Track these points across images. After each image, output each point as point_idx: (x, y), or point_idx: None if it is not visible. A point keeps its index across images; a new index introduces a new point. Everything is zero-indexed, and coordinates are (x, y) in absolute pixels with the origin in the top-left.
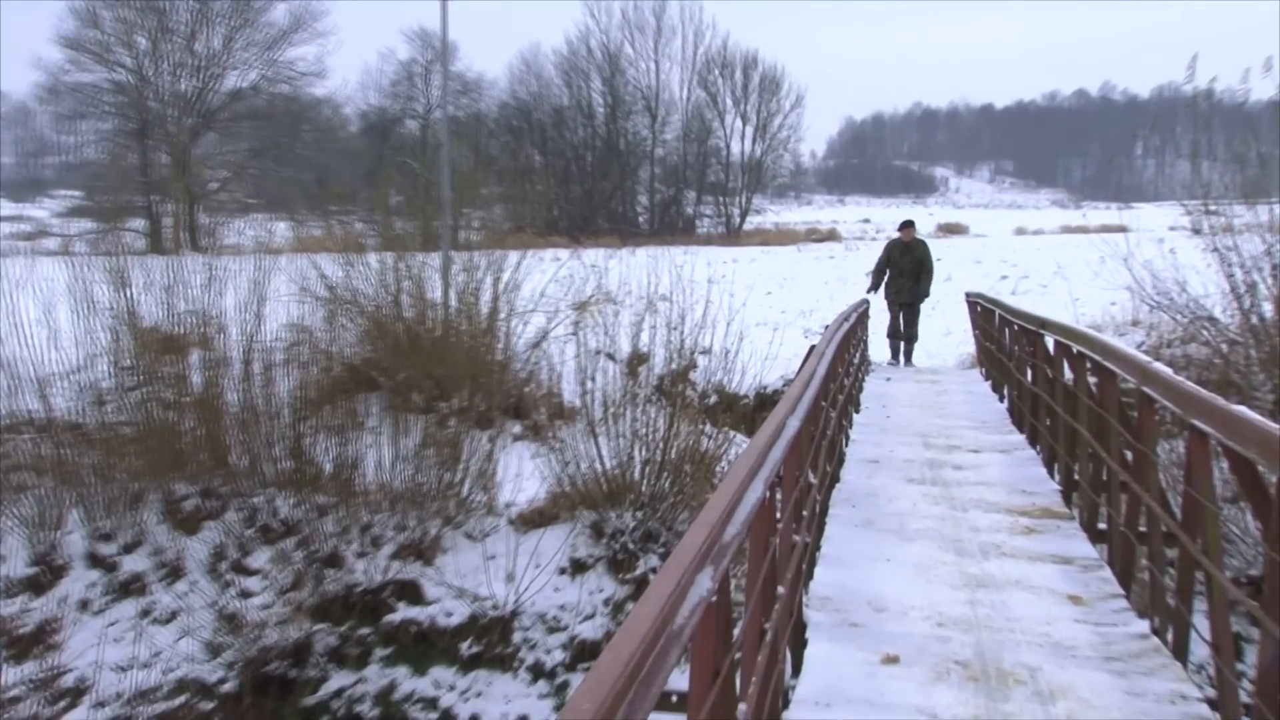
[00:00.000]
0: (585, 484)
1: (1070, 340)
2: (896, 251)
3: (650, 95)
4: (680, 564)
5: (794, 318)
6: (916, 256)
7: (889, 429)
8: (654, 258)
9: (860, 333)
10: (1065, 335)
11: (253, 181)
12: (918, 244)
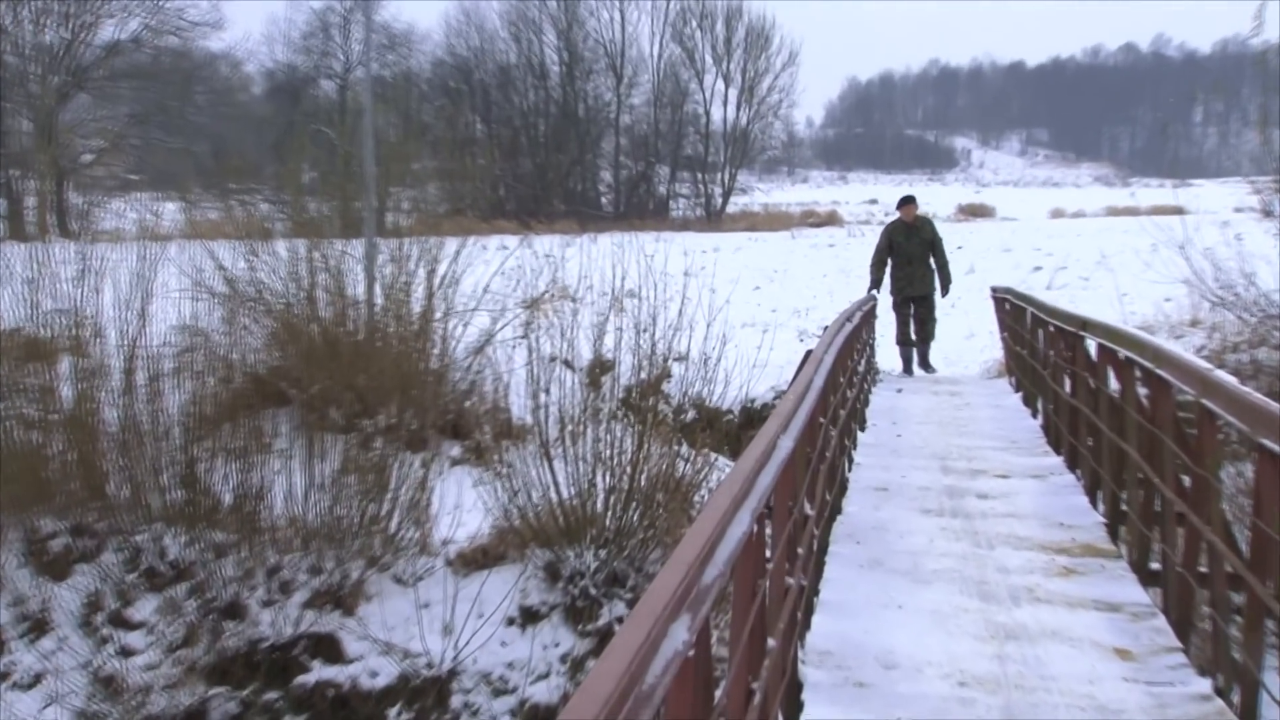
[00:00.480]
0: (538, 517)
1: (1116, 344)
2: (898, 235)
3: (614, 52)
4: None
5: (787, 317)
6: (924, 238)
7: (900, 450)
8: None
9: (866, 335)
10: (1110, 338)
11: (135, 154)
12: (923, 223)
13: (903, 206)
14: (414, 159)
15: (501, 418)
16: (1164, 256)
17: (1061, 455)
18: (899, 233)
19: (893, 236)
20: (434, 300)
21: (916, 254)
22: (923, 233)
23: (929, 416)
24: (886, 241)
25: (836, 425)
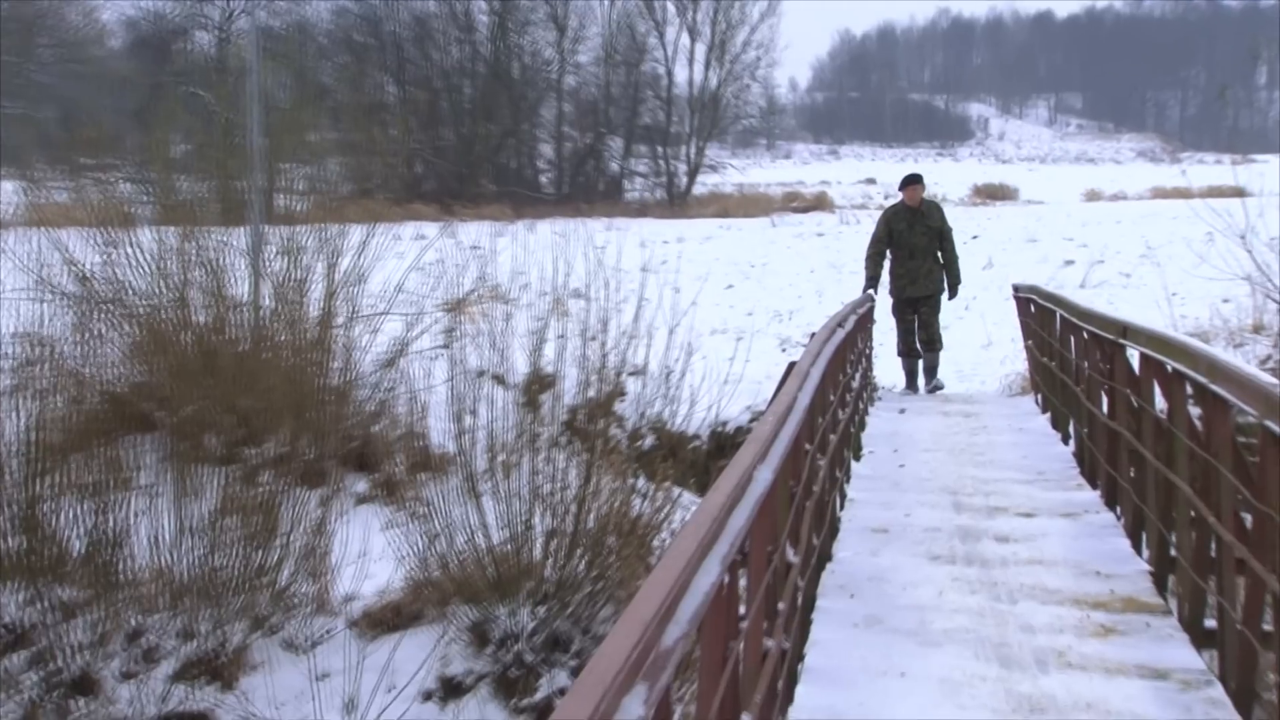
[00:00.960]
0: (463, 567)
1: (1163, 354)
2: (899, 222)
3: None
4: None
5: (765, 322)
6: (930, 226)
7: (903, 483)
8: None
9: (861, 344)
10: (1156, 347)
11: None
12: (930, 208)
13: (906, 188)
14: (310, 129)
15: (418, 445)
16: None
17: (1098, 489)
18: (900, 219)
19: (892, 224)
20: (335, 302)
21: (921, 246)
22: (929, 220)
23: (938, 443)
24: (885, 230)
25: (825, 453)
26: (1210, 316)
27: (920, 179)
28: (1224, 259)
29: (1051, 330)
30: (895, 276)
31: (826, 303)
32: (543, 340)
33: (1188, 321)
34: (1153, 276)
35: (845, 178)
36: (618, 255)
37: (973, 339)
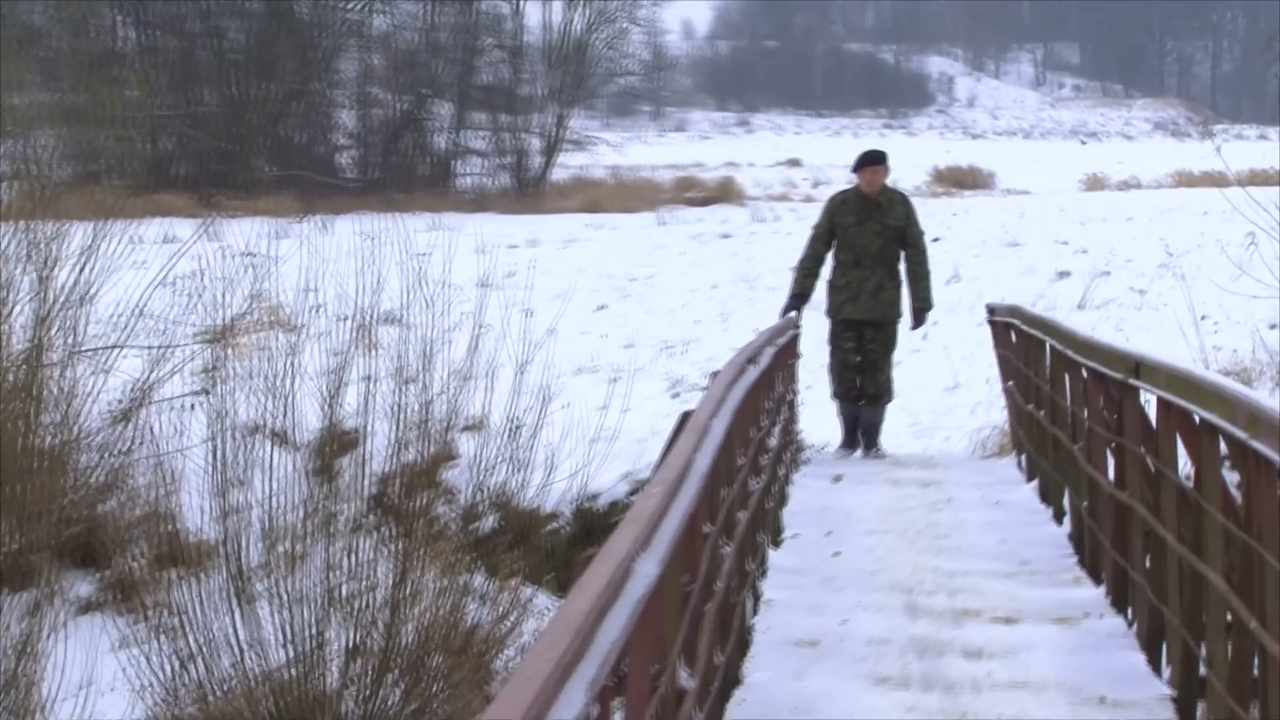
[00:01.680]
0: (229, 700)
1: (1190, 400)
2: (847, 215)
3: None
4: None
5: (651, 357)
6: (889, 224)
7: (839, 578)
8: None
9: (782, 387)
10: (1180, 390)
11: None
12: (892, 199)
13: (862, 170)
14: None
15: (166, 530)
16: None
17: (1102, 585)
18: (849, 212)
19: (837, 217)
20: (48, 331)
21: (871, 251)
22: (888, 216)
23: (886, 521)
24: (827, 223)
25: (732, 538)
26: (1253, 348)
27: (883, 159)
28: (1271, 269)
29: (1040, 367)
30: (834, 290)
31: (735, 330)
32: (342, 383)
33: (1223, 354)
34: (1176, 293)
35: (759, 157)
36: (446, 265)
37: (933, 380)
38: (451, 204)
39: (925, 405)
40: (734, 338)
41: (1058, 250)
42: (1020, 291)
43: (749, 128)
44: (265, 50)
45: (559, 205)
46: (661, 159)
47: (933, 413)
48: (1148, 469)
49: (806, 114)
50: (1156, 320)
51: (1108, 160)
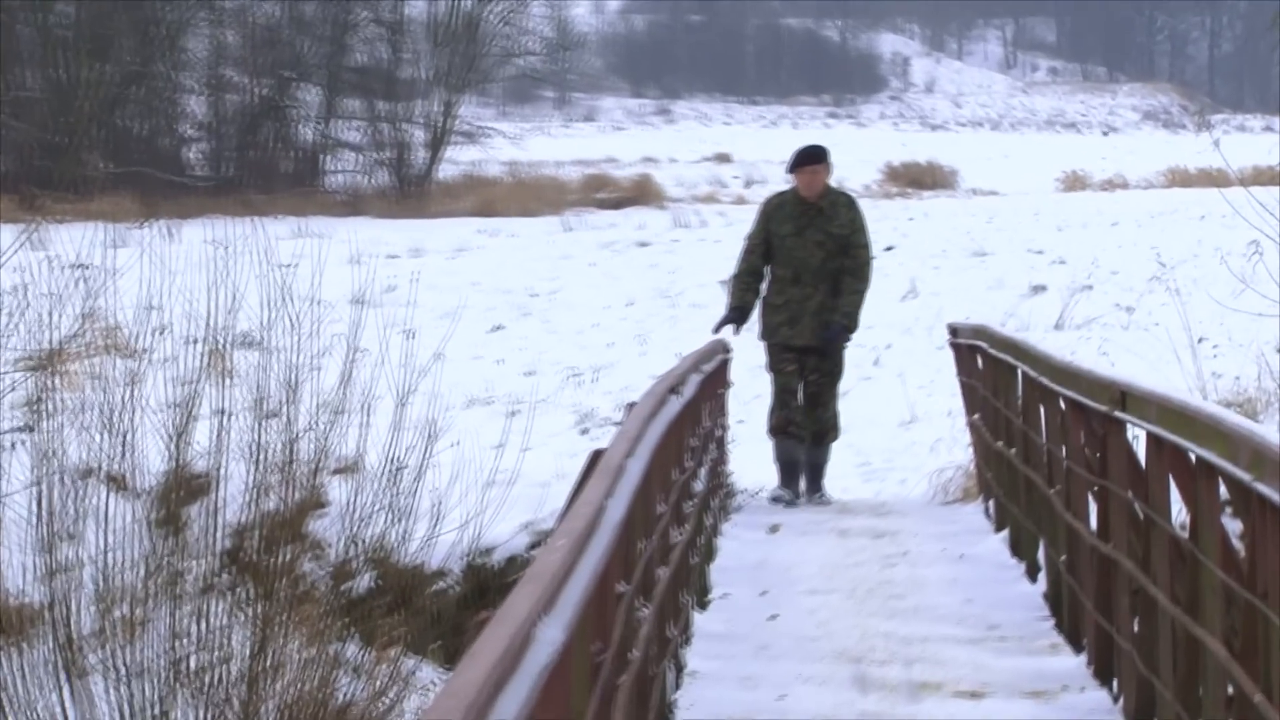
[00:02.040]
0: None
1: (1184, 435)
2: (784, 221)
3: None
4: None
5: (556, 386)
6: (833, 232)
7: (775, 645)
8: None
9: (710, 422)
10: (1172, 424)
11: None
12: (837, 202)
13: (800, 169)
14: None
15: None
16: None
17: (1083, 652)
18: (786, 219)
19: (773, 224)
20: None
21: (813, 264)
22: (832, 223)
23: (832, 579)
24: (762, 232)
25: (651, 598)
26: (1258, 374)
27: (823, 156)
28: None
29: (1011, 398)
30: (769, 310)
31: (654, 354)
32: (191, 418)
33: (1224, 382)
34: (1169, 311)
35: (682, 152)
36: (314, 278)
37: (886, 413)
38: (320, 206)
39: (877, 443)
40: (653, 363)
41: (1031, 261)
42: (988, 309)
43: (670, 117)
44: (99, 26)
45: (447, 208)
46: (567, 153)
47: (886, 451)
48: (1136, 516)
49: (737, 101)
50: (1146, 342)
51: (1089, 155)
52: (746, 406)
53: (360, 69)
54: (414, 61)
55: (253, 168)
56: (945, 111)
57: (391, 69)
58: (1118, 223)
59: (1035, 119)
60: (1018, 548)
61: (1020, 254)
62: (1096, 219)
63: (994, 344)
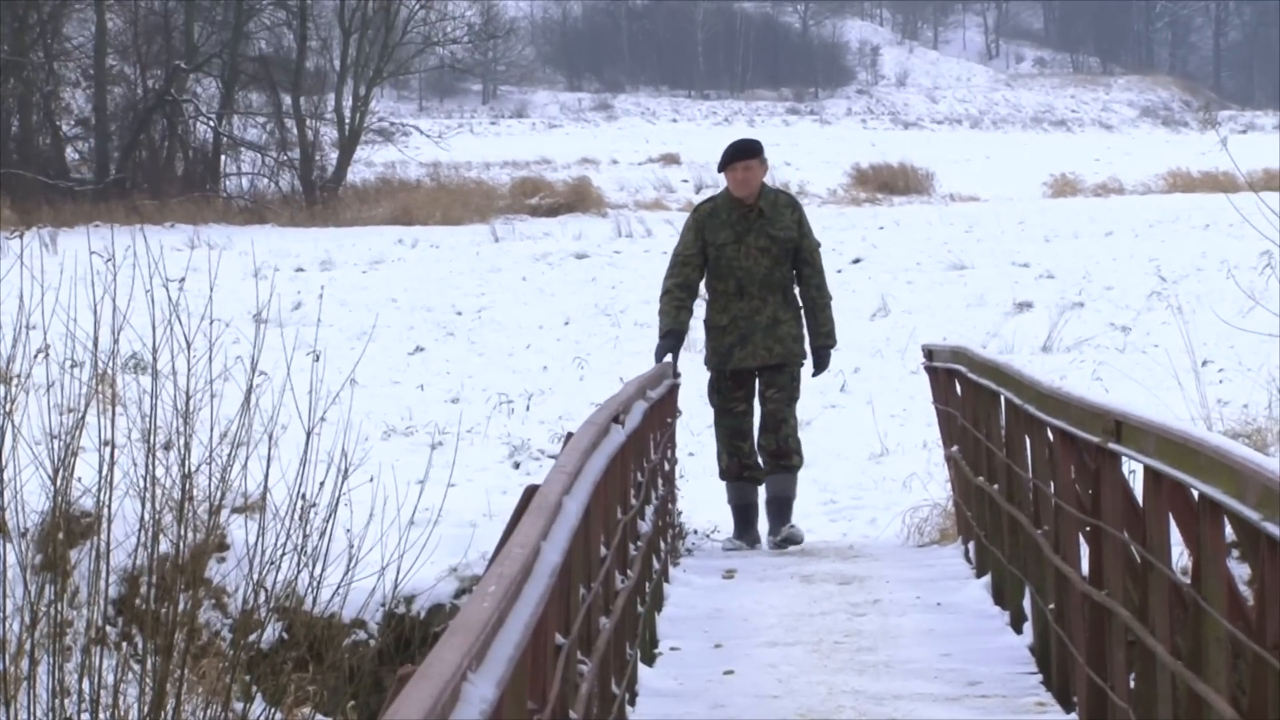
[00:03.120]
0: None
1: (1185, 471)
2: (721, 229)
3: None
4: None
5: (485, 415)
6: (777, 235)
7: (732, 705)
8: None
9: (657, 455)
10: (1172, 458)
11: None
12: (777, 203)
13: (731, 166)
14: None
15: None
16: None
17: (1074, 711)
18: (722, 225)
19: (709, 234)
20: None
21: (758, 273)
22: (774, 225)
23: (794, 630)
24: (696, 244)
25: (592, 652)
26: (1269, 402)
27: (757, 150)
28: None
29: (993, 427)
30: (714, 332)
31: (594, 379)
32: (75, 450)
33: (1230, 409)
34: (1170, 331)
35: (625, 153)
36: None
37: (854, 445)
38: (218, 213)
39: (845, 478)
40: (593, 389)
41: (1016, 275)
42: (967, 328)
43: (610, 114)
44: None
45: (360, 215)
46: (496, 154)
47: (854, 488)
48: (1133, 560)
49: (686, 96)
50: (1144, 366)
51: (1080, 156)
52: (698, 438)
53: (262, 58)
54: (323, 50)
55: (142, 169)
56: (919, 107)
57: (298, 59)
58: (1112, 232)
59: (1020, 115)
60: (1001, 595)
61: (1003, 267)
62: (1088, 228)
63: (974, 368)
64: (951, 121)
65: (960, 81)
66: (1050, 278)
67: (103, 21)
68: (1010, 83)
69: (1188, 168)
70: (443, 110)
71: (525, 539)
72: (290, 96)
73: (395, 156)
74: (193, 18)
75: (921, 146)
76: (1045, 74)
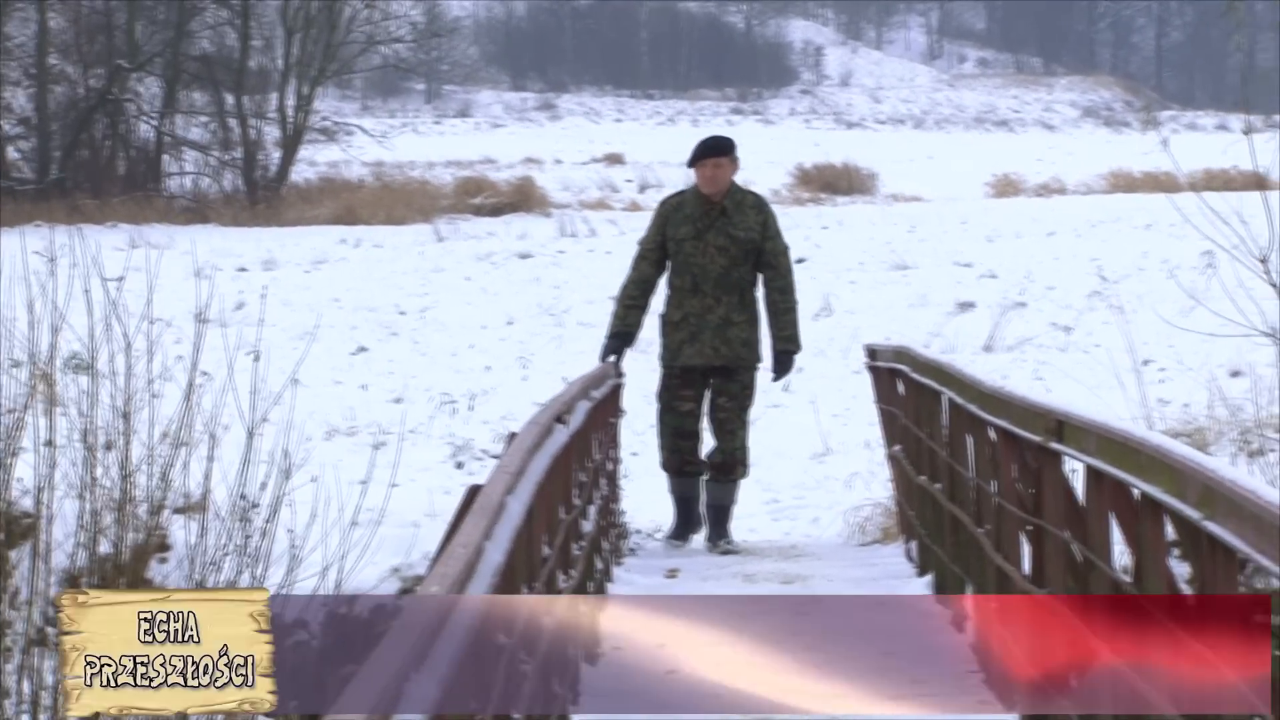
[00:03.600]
0: None
1: (1126, 470)
2: (683, 224)
3: None
4: None
5: (428, 415)
6: (738, 235)
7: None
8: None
9: (601, 455)
10: (1114, 456)
11: None
12: (743, 202)
13: (702, 163)
14: None
15: None
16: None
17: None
18: (685, 220)
19: (670, 228)
20: None
21: (715, 272)
22: (738, 225)
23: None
24: (657, 237)
25: (534, 655)
26: (1209, 402)
27: (729, 148)
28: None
29: (935, 427)
30: (668, 327)
31: (537, 378)
32: (14, 450)
33: (1171, 409)
34: (1111, 331)
35: (569, 152)
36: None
37: (797, 444)
38: (160, 213)
39: (787, 477)
40: (536, 389)
41: (958, 275)
42: (910, 328)
43: (554, 113)
44: None
45: (303, 215)
46: (439, 154)
47: (797, 487)
48: (1074, 559)
49: (630, 95)
50: (1086, 365)
51: (1023, 157)
52: (641, 437)
53: (205, 58)
54: (266, 50)
55: (83, 169)
56: (863, 107)
57: (240, 58)
58: (1054, 232)
59: (963, 116)
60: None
61: (946, 267)
62: (1031, 228)
63: (916, 367)
64: (895, 121)
65: (903, 82)
66: (992, 277)
67: (44, 20)
68: (953, 83)
69: (1129, 168)
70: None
71: (468, 539)
72: (233, 96)
73: (338, 156)
74: (135, 17)
75: (865, 146)
76: (988, 74)
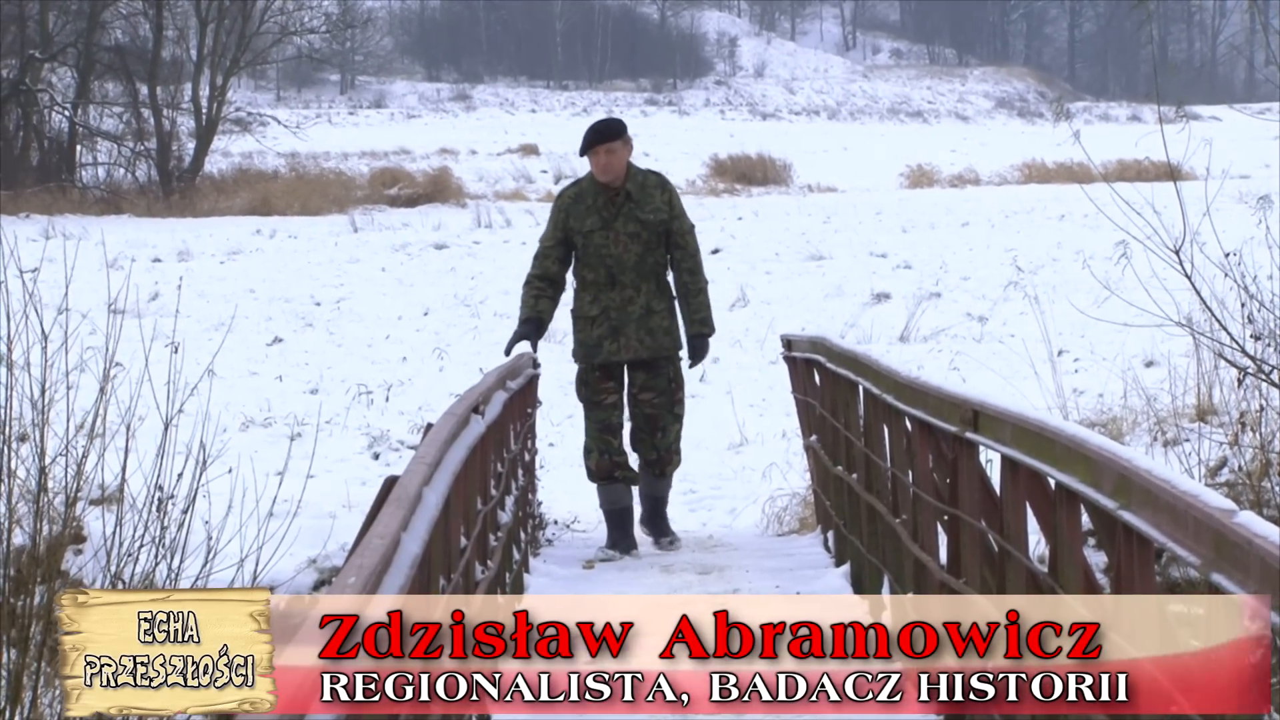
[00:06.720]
0: None
1: (1041, 459)
2: (587, 215)
3: None
4: None
5: (344, 406)
6: (646, 219)
7: None
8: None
9: (518, 445)
10: (1029, 446)
11: None
12: (645, 185)
13: (595, 149)
14: None
15: None
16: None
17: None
18: (588, 211)
19: (573, 221)
20: None
21: (629, 260)
22: (644, 207)
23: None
24: (559, 233)
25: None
26: (1124, 391)
27: (620, 131)
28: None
29: (852, 417)
30: (583, 324)
31: (453, 369)
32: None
33: (1086, 399)
34: (1026, 321)
35: (484, 143)
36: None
37: (714, 435)
38: (74, 204)
39: (704, 468)
40: (453, 380)
41: (873, 265)
42: (826, 318)
43: (469, 104)
44: None
45: (218, 205)
46: (354, 144)
47: (714, 478)
48: (990, 548)
49: (544, 86)
50: (1001, 355)
51: (937, 148)
52: (558, 428)
53: (118, 48)
54: (180, 40)
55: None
56: (777, 98)
57: (154, 48)
58: (969, 223)
59: (877, 107)
60: (860, 583)
61: (861, 258)
62: (945, 219)
63: (832, 358)
64: (809, 112)
65: (818, 73)
66: (908, 268)
67: None
68: (867, 74)
69: (1043, 159)
70: (301, 100)
71: (385, 530)
72: (147, 86)
73: (253, 147)
74: (48, 7)
75: (780, 137)
76: (902, 65)
